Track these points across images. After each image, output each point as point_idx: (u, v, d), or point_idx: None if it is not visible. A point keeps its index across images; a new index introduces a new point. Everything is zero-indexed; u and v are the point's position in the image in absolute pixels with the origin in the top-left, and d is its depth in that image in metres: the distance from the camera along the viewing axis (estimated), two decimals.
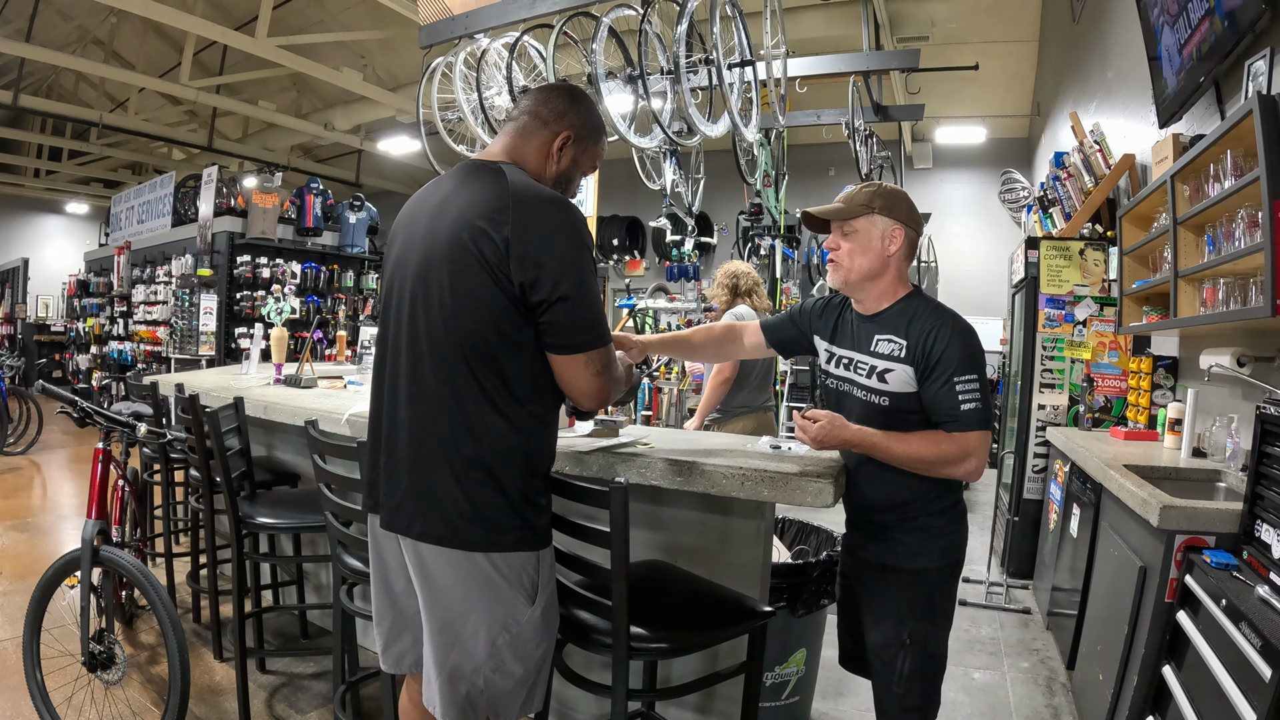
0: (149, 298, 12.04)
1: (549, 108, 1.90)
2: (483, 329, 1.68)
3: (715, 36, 3.65)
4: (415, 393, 1.74)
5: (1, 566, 4.96)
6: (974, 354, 2.02)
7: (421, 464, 1.72)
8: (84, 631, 2.84)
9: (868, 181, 2.27)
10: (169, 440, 3.90)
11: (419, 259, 1.77)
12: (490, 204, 1.69)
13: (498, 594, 1.72)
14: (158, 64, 11.95)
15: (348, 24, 10.42)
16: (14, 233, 17.38)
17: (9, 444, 8.60)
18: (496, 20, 4.76)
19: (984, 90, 10.01)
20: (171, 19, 9.05)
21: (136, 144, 14.70)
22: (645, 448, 2.46)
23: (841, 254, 2.15)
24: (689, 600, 2.13)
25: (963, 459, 1.98)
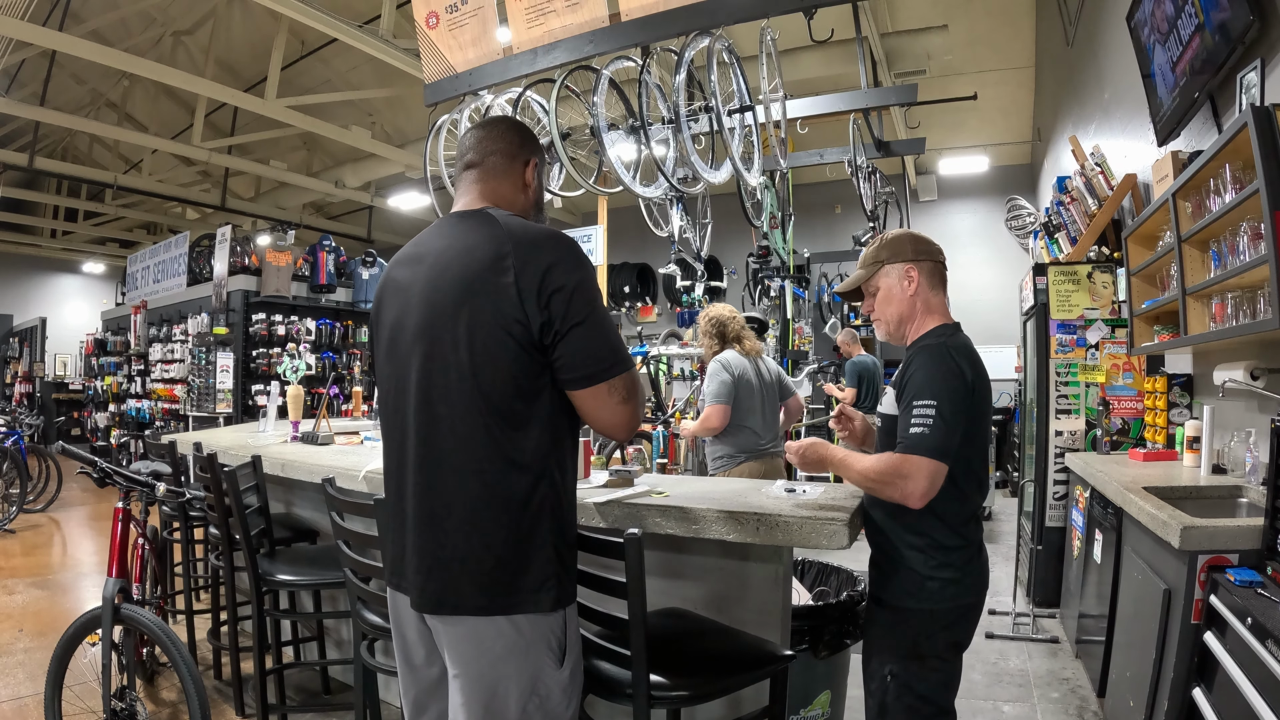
0: (166, 356, 12.16)
1: (509, 141, 1.91)
2: (502, 383, 1.66)
3: (713, 84, 3.72)
4: (432, 463, 1.70)
5: (23, 623, 5.01)
6: (937, 380, 2.03)
7: (443, 535, 1.68)
8: (105, 689, 2.86)
9: (873, 238, 2.35)
10: (188, 499, 3.94)
11: (420, 322, 1.74)
12: (491, 252, 1.68)
13: (526, 658, 1.68)
14: (170, 125, 12.21)
15: (355, 83, 10.63)
16: (32, 292, 17.64)
17: (29, 501, 8.64)
18: (498, 77, 4.84)
19: (984, 119, 10.11)
20: (182, 82, 9.27)
21: (151, 204, 14.95)
22: (660, 497, 2.47)
23: (876, 312, 2.29)
24: (709, 647, 2.13)
25: (899, 480, 1.97)
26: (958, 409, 1.99)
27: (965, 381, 2.04)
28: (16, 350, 16.56)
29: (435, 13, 5.01)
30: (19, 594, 5.73)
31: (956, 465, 2.01)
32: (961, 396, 2.01)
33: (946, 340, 2.13)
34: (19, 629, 4.90)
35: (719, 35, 3.94)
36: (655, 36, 4.14)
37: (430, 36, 5.10)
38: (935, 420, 1.96)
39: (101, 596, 2.92)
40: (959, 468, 2.02)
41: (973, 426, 2.05)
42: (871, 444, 2.47)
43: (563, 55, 4.50)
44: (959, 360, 2.06)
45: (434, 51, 5.13)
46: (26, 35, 7.78)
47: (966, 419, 2.01)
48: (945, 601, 2.08)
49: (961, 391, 2.02)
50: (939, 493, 1.98)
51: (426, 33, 5.11)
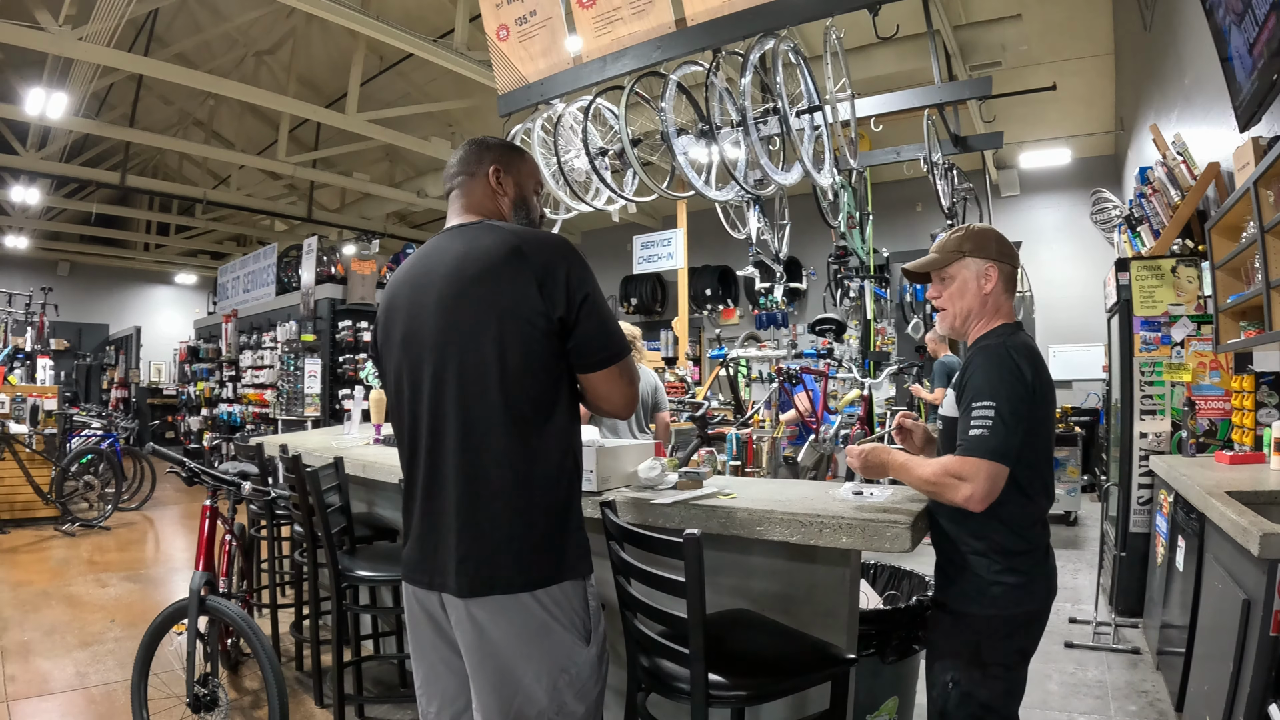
0: (256, 362, 12.64)
1: (467, 162, 2.06)
2: (527, 372, 1.80)
3: (779, 85, 3.71)
4: (470, 456, 1.81)
5: (115, 615, 5.29)
6: (996, 381, 2.00)
7: (477, 524, 1.80)
8: (189, 675, 3.04)
9: (957, 226, 2.31)
10: (273, 498, 4.12)
11: (439, 326, 1.85)
12: (507, 252, 1.82)
13: (553, 637, 1.78)
14: (256, 141, 12.69)
15: (434, 95, 10.84)
16: (127, 303, 18.61)
17: (124, 500, 9.09)
18: (570, 85, 4.91)
19: (1065, 110, 9.78)
20: (266, 100, 9.64)
21: (240, 217, 15.57)
22: (726, 498, 2.49)
23: (944, 301, 2.25)
24: (770, 648, 2.14)
25: (957, 484, 1.95)
26: (1018, 410, 1.95)
27: (1025, 382, 2.00)
28: (113, 358, 17.45)
29: (505, 25, 5.11)
30: (112, 587, 6.05)
31: (1019, 467, 1.97)
32: (1021, 397, 1.98)
33: (1005, 340, 2.10)
34: (111, 620, 5.18)
35: (784, 36, 3.93)
36: (721, 40, 4.15)
37: (501, 49, 5.20)
38: (995, 422, 1.94)
39: (189, 588, 3.10)
40: (1022, 470, 1.99)
41: (1035, 428, 2.01)
42: (933, 452, 2.45)
43: (631, 62, 4.54)
44: (1018, 360, 2.02)
45: (505, 63, 5.23)
46: (113, 61, 8.23)
47: (1028, 420, 1.97)
48: (1009, 607, 2.04)
49: (1021, 392, 1.98)
50: (1002, 496, 1.95)
51: (498, 45, 5.21)
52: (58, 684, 4.13)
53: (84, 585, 6.09)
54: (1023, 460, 1.98)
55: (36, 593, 5.83)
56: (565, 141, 4.94)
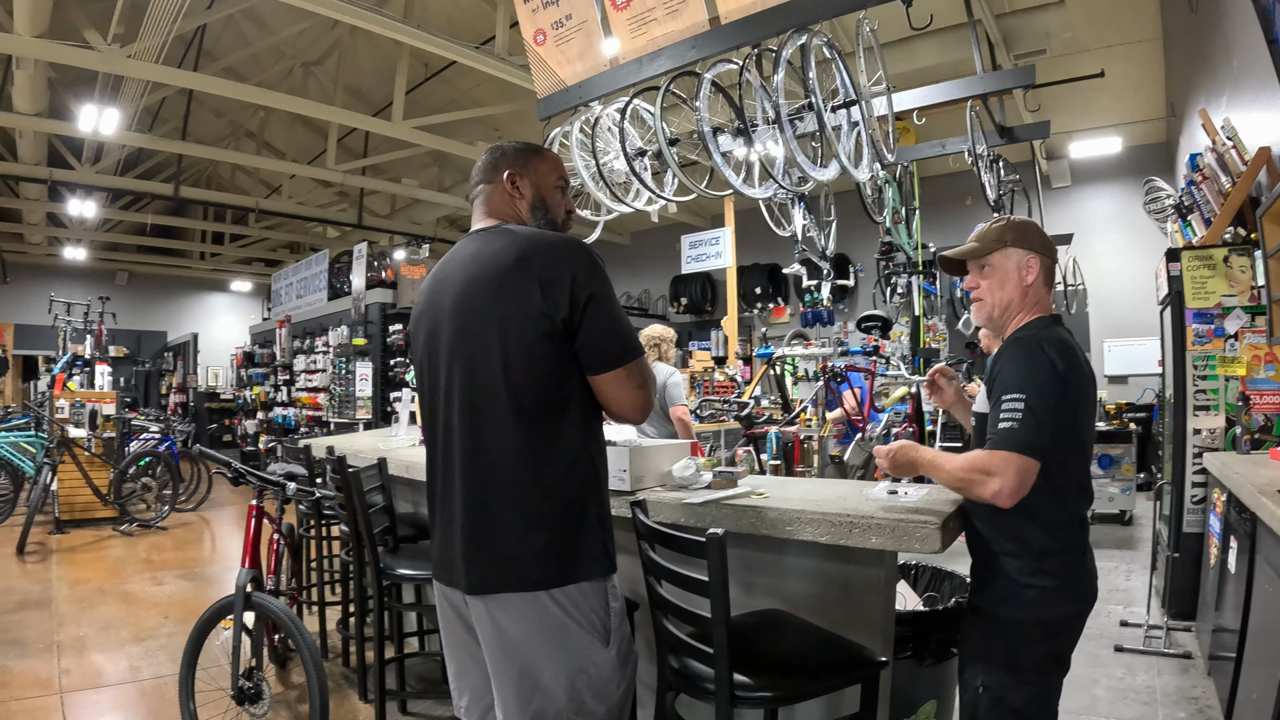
0: (309, 366, 12.89)
1: (486, 169, 2.10)
2: (533, 374, 1.83)
3: (811, 81, 3.68)
4: (479, 457, 1.86)
5: (169, 611, 5.46)
6: (1026, 373, 1.95)
7: (483, 522, 1.85)
8: (234, 668, 3.15)
9: (998, 216, 2.27)
10: (318, 498, 4.22)
11: (454, 329, 1.92)
12: (514, 256, 1.85)
13: (570, 636, 1.80)
14: (306, 150, 12.95)
15: (478, 100, 10.91)
16: (184, 310, 19.16)
17: (181, 501, 9.37)
18: (607, 87, 4.93)
19: (1114, 97, 9.52)
20: (314, 111, 9.85)
21: (292, 225, 15.92)
22: (759, 498, 2.48)
23: (982, 291, 2.20)
24: (799, 649, 2.12)
25: (985, 479, 1.90)
26: (1049, 403, 1.90)
27: (1057, 374, 1.94)
28: (171, 364, 17.95)
29: (542, 30, 5.16)
30: (167, 585, 6.23)
31: (1052, 465, 1.92)
32: (1053, 391, 1.92)
33: (1038, 333, 2.05)
34: (164, 616, 5.35)
35: (816, 31, 3.89)
36: (755, 37, 4.14)
37: (539, 53, 5.24)
38: (1025, 414, 1.89)
39: (235, 585, 3.21)
40: (1055, 468, 1.94)
41: (1068, 424, 1.96)
42: (964, 411, 2.46)
43: (667, 62, 4.55)
44: (1050, 352, 1.97)
45: (543, 67, 5.27)
46: (162, 77, 8.49)
47: (1060, 415, 1.92)
48: (1042, 611, 1.99)
49: (1053, 385, 1.93)
50: (1034, 495, 1.90)
51: (535, 49, 5.26)
52: (111, 677, 4.30)
53: (139, 583, 6.29)
54: (1055, 458, 1.93)
55: (93, 590, 6.04)
56: (604, 143, 4.95)
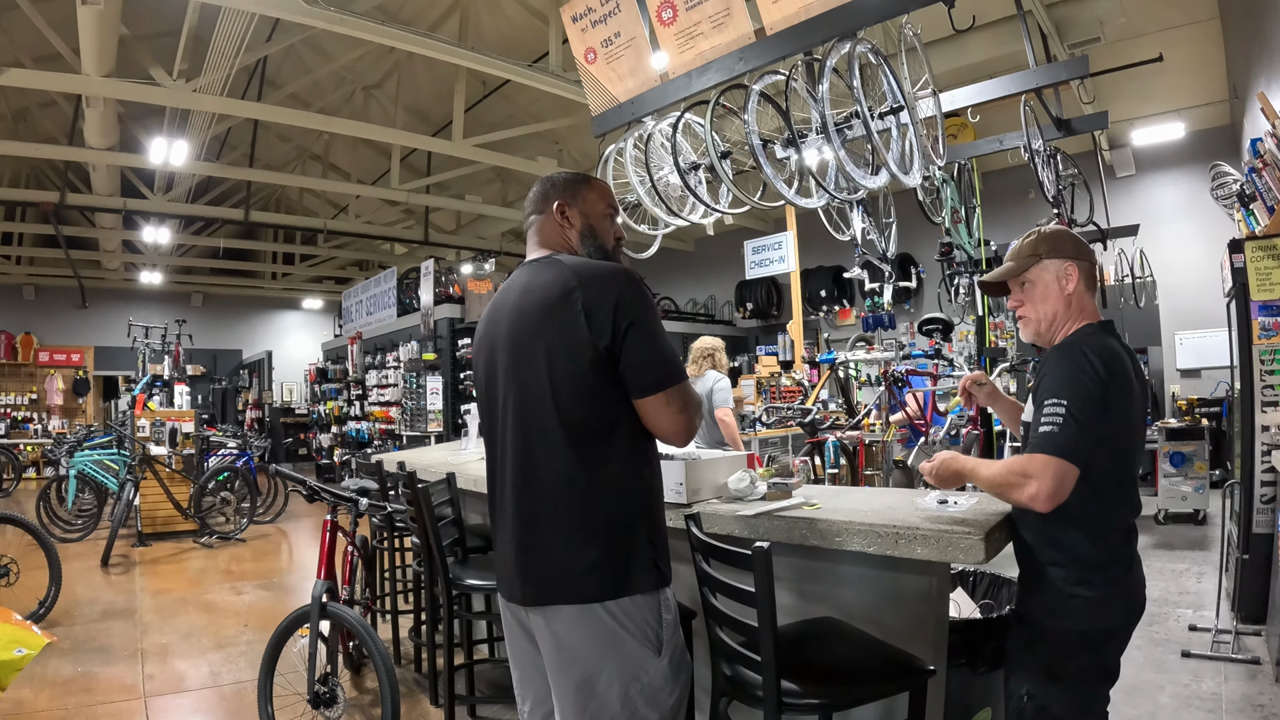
0: (381, 381, 13.26)
1: (537, 201, 2.20)
2: (579, 399, 1.92)
3: (856, 89, 3.68)
4: (530, 476, 1.97)
5: (249, 619, 5.70)
6: (1067, 378, 1.96)
7: (534, 538, 1.95)
8: (310, 673, 3.34)
9: (1030, 231, 2.27)
10: (389, 512, 4.41)
11: (508, 358, 2.03)
12: (561, 287, 1.95)
13: (624, 646, 1.88)
14: (371, 170, 13.30)
15: (538, 115, 11.06)
16: (258, 329, 19.85)
17: (259, 514, 9.74)
18: (659, 102, 5.00)
19: (1174, 82, 9.20)
20: (375, 134, 10.17)
21: (360, 243, 16.36)
22: (810, 509, 2.52)
23: (1026, 309, 2.21)
24: (848, 657, 2.15)
25: (1022, 482, 1.91)
26: (1090, 410, 1.90)
27: (1099, 379, 1.93)
28: (247, 381, 18.61)
29: (592, 49, 5.25)
30: (246, 594, 6.50)
31: (1097, 473, 1.92)
32: (1095, 397, 1.92)
33: (1080, 339, 2.06)
34: (244, 624, 5.59)
35: (860, 39, 3.90)
36: (801, 46, 4.16)
37: (591, 71, 5.34)
38: (1065, 419, 1.89)
39: (311, 595, 3.39)
40: (1100, 476, 1.94)
41: (1112, 431, 1.95)
42: (1006, 410, 2.49)
43: (715, 75, 4.60)
44: (1092, 358, 1.96)
45: (596, 85, 5.37)
46: (226, 109, 8.92)
47: (1103, 421, 1.92)
48: (1087, 622, 1.98)
49: (1095, 392, 1.92)
50: (1078, 503, 1.91)
51: (587, 68, 5.36)
52: (192, 682, 4.53)
53: (219, 593, 6.58)
54: (1099, 466, 1.93)
55: (175, 600, 6.34)
56: (658, 158, 5.02)
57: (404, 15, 9.43)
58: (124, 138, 10.44)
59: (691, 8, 4.58)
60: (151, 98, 8.26)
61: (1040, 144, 5.82)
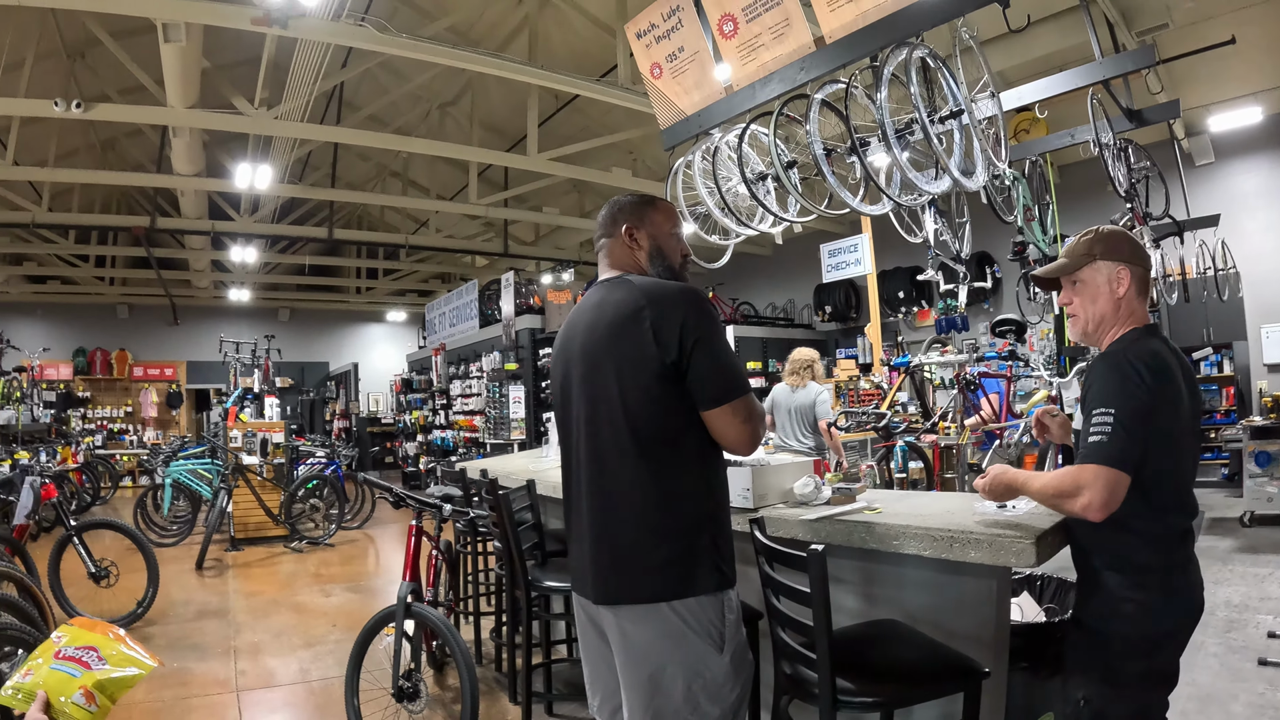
0: (464, 391, 13.60)
1: (606, 224, 2.36)
2: (648, 411, 2.04)
3: (914, 95, 3.69)
4: (601, 483, 2.11)
5: (337, 620, 5.99)
6: (1116, 388, 1.97)
7: (605, 541, 2.09)
8: (395, 670, 3.57)
9: (1087, 230, 2.29)
10: (472, 517, 4.63)
11: (582, 372, 2.18)
12: (631, 306, 2.08)
13: (688, 644, 1.99)
14: (450, 185, 13.65)
15: (611, 126, 11.13)
16: (345, 341, 20.54)
17: (347, 520, 10.13)
18: (725, 115, 5.05)
19: (1250, 64, 8.74)
20: (452, 152, 10.48)
21: (441, 257, 16.79)
22: (871, 513, 2.58)
23: (1075, 307, 2.23)
24: (905, 658, 2.21)
25: (1074, 493, 1.92)
26: (1138, 416, 1.92)
27: (1145, 386, 1.95)
28: (334, 392, 19.28)
29: (657, 64, 5.36)
30: (334, 596, 6.82)
31: (1147, 479, 1.94)
32: (1142, 404, 1.93)
33: (1126, 347, 2.07)
34: (332, 625, 5.88)
35: (917, 44, 3.92)
36: (861, 53, 4.17)
37: (657, 86, 5.44)
38: (1114, 428, 1.91)
39: (396, 596, 3.60)
40: (1152, 480, 1.95)
41: (1161, 436, 1.96)
42: None
43: (778, 86, 4.64)
44: (1138, 365, 1.97)
45: (663, 99, 5.47)
46: (306, 134, 9.31)
47: (1151, 427, 1.93)
48: (1142, 626, 1.99)
49: (1143, 399, 1.94)
50: (1131, 509, 1.93)
51: (653, 83, 5.47)
52: (282, 678, 4.83)
53: (309, 595, 6.92)
54: (1150, 472, 1.94)
55: (267, 601, 6.69)
56: (726, 170, 5.09)
57: (475, 34, 9.71)
58: (210, 163, 10.95)
59: (752, 19, 4.64)
60: (234, 126, 8.70)
61: (1110, 137, 5.69)
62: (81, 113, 7.72)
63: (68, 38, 9.29)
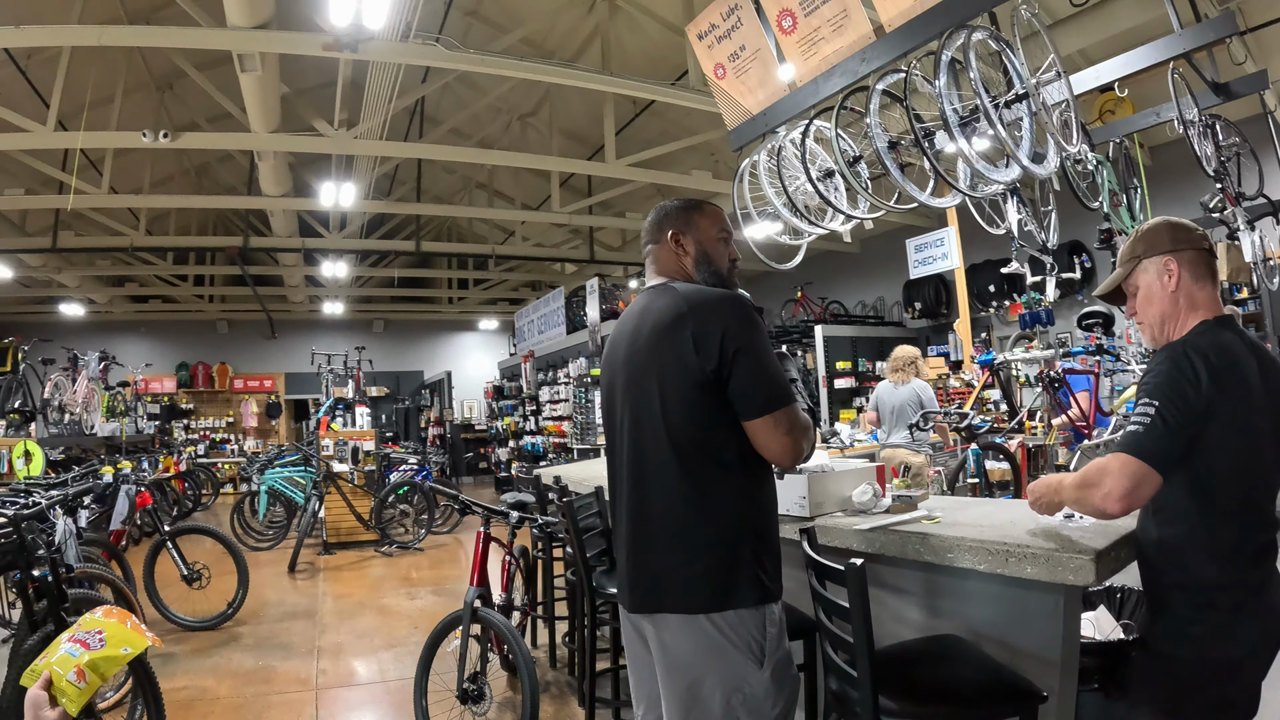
0: (553, 397, 13.78)
1: (652, 230, 2.30)
2: (689, 421, 2.00)
3: (974, 80, 3.52)
4: (642, 492, 2.07)
5: (419, 623, 6.11)
6: (1164, 381, 1.84)
7: (643, 549, 2.06)
8: (460, 671, 3.65)
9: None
10: (540, 523, 4.70)
11: (625, 379, 2.15)
12: (672, 314, 2.04)
13: (727, 657, 1.94)
14: (535, 194, 13.80)
15: (691, 128, 10.98)
16: (438, 350, 21.01)
17: (437, 525, 10.32)
18: (791, 111, 4.96)
19: None
20: (531, 163, 10.63)
21: (529, 265, 17.04)
22: (929, 523, 2.47)
23: (1139, 314, 2.11)
24: (959, 677, 2.09)
25: (1098, 480, 1.81)
26: (1182, 413, 1.78)
27: (1196, 382, 1.80)
28: (428, 400, 19.75)
29: (720, 64, 5.30)
30: (419, 599, 6.97)
31: (1212, 487, 1.79)
32: (1188, 399, 1.79)
33: (1189, 339, 1.91)
34: (414, 626, 6.00)
35: (975, 27, 3.74)
36: (922, 40, 4.03)
37: (722, 86, 5.39)
38: (1153, 420, 1.78)
39: (464, 601, 3.69)
40: (1220, 489, 1.80)
41: (1228, 437, 1.80)
42: None
43: (840, 79, 4.54)
44: (1195, 359, 1.82)
45: (728, 99, 5.41)
46: (385, 152, 9.57)
47: (1209, 427, 1.78)
48: (1209, 650, 1.82)
49: (1189, 394, 1.79)
50: (1199, 520, 1.79)
51: (718, 84, 5.41)
52: (361, 678, 4.99)
53: (395, 598, 7.10)
54: (1214, 478, 1.79)
55: (354, 603, 6.90)
56: (792, 168, 4.99)
57: (549, 45, 9.83)
58: (297, 183, 11.37)
59: (810, 13, 4.53)
60: (315, 147, 8.99)
61: (1195, 114, 5.34)
62: (169, 142, 8.14)
63: (155, 71, 9.81)
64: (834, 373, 12.38)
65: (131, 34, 7.25)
